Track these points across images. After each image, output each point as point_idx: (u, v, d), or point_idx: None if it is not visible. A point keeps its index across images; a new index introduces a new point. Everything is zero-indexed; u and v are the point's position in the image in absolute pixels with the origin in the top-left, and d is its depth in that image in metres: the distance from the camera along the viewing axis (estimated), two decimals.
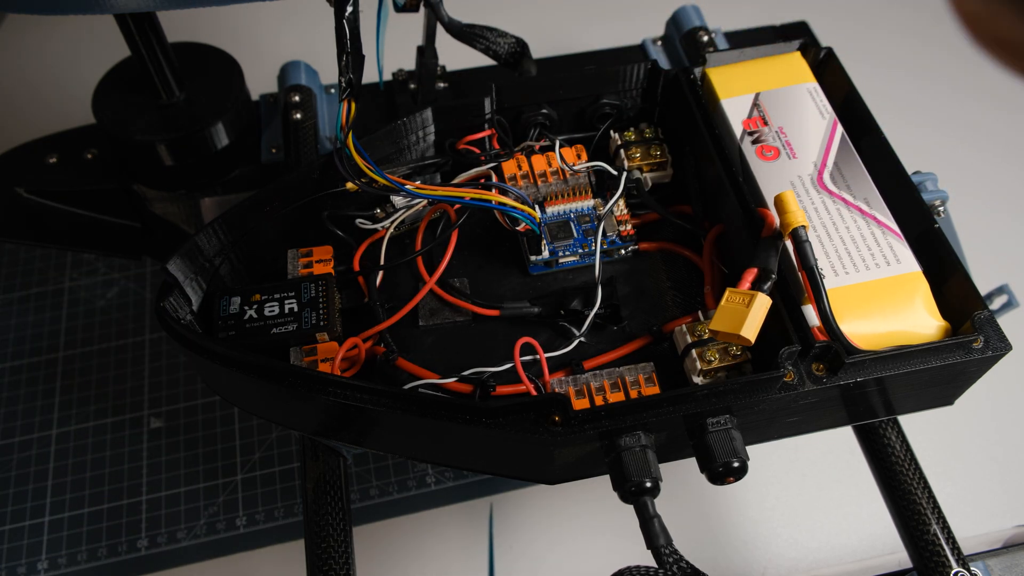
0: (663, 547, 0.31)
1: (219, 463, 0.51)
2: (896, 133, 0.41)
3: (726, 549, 0.48)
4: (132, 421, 0.53)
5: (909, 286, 0.36)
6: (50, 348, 0.56)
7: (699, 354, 0.36)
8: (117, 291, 0.59)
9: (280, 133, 0.54)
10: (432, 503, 0.49)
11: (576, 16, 0.79)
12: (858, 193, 0.39)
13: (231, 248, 0.39)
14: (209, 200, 0.52)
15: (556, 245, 0.42)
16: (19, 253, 0.61)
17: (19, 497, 0.50)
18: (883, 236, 0.37)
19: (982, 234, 0.58)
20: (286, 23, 0.76)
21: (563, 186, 0.43)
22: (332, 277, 0.39)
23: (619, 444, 0.33)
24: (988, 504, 0.50)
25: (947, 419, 0.43)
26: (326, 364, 0.37)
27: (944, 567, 0.38)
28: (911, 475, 0.40)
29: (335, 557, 0.38)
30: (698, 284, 0.41)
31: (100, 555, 0.48)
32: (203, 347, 0.34)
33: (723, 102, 0.42)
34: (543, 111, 0.45)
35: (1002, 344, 0.34)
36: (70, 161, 0.53)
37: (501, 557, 0.47)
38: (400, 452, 0.45)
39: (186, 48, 0.52)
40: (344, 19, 0.36)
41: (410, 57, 0.53)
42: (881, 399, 0.36)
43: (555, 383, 0.37)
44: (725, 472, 0.33)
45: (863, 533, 0.48)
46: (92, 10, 0.39)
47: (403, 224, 0.42)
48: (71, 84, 0.71)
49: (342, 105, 0.37)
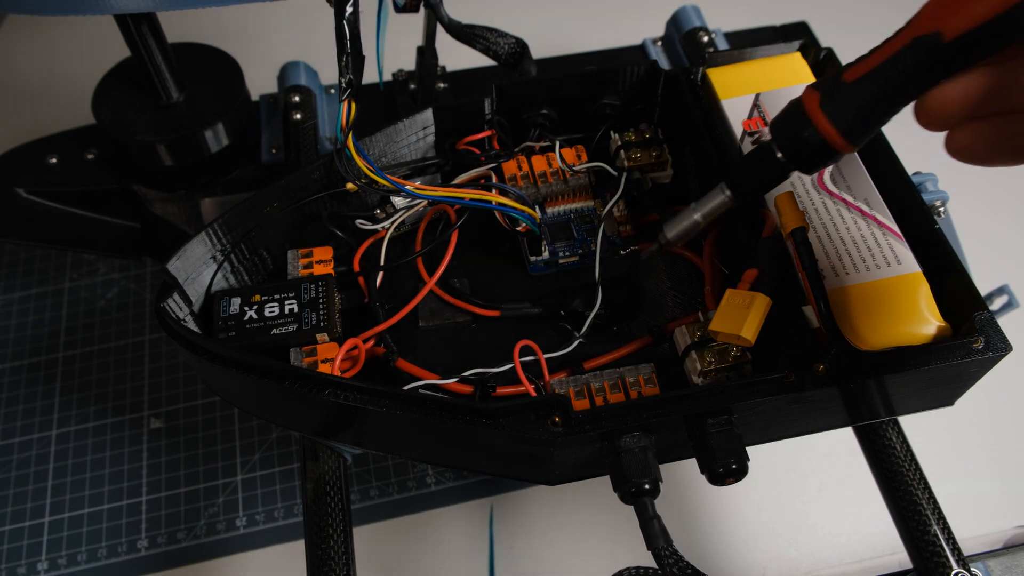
0: (663, 548, 0.31)
1: (219, 463, 0.51)
2: (896, 133, 0.40)
3: (726, 549, 0.48)
4: (132, 421, 0.53)
5: (909, 287, 0.36)
6: (50, 348, 0.56)
7: (699, 355, 0.36)
8: (117, 291, 0.59)
9: (280, 133, 0.54)
10: (432, 504, 0.49)
11: (576, 16, 0.79)
12: (858, 194, 0.39)
13: (231, 249, 0.39)
14: (209, 200, 0.52)
15: (556, 245, 0.42)
16: (19, 253, 0.61)
17: (19, 497, 0.50)
18: (883, 237, 0.37)
19: (982, 234, 0.58)
20: (286, 23, 0.76)
21: (563, 186, 0.43)
22: (332, 278, 0.39)
23: (619, 445, 0.33)
24: (988, 504, 0.50)
25: (947, 420, 0.43)
26: (326, 365, 0.37)
27: (944, 568, 0.38)
28: (911, 475, 0.40)
29: (335, 557, 0.38)
30: (698, 284, 0.41)
31: (100, 555, 0.48)
32: (203, 347, 0.34)
33: (723, 102, 0.42)
34: (543, 111, 0.45)
35: (1002, 345, 0.34)
36: (70, 161, 0.53)
37: (501, 557, 0.47)
38: (400, 453, 0.45)
39: (186, 48, 0.52)
40: (344, 19, 0.36)
41: (410, 57, 0.53)
42: (881, 400, 0.36)
43: (555, 384, 0.37)
44: (725, 473, 0.33)
45: (863, 533, 0.48)
46: (92, 10, 0.39)
47: (403, 225, 0.42)
48: (71, 84, 0.71)
49: (342, 105, 0.37)
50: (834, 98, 0.29)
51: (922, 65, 0.26)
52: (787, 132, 0.31)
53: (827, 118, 0.29)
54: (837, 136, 0.29)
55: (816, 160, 0.31)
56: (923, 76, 0.27)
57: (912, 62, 0.26)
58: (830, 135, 0.29)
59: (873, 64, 0.28)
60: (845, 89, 0.29)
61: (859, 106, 0.28)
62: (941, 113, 0.27)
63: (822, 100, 0.29)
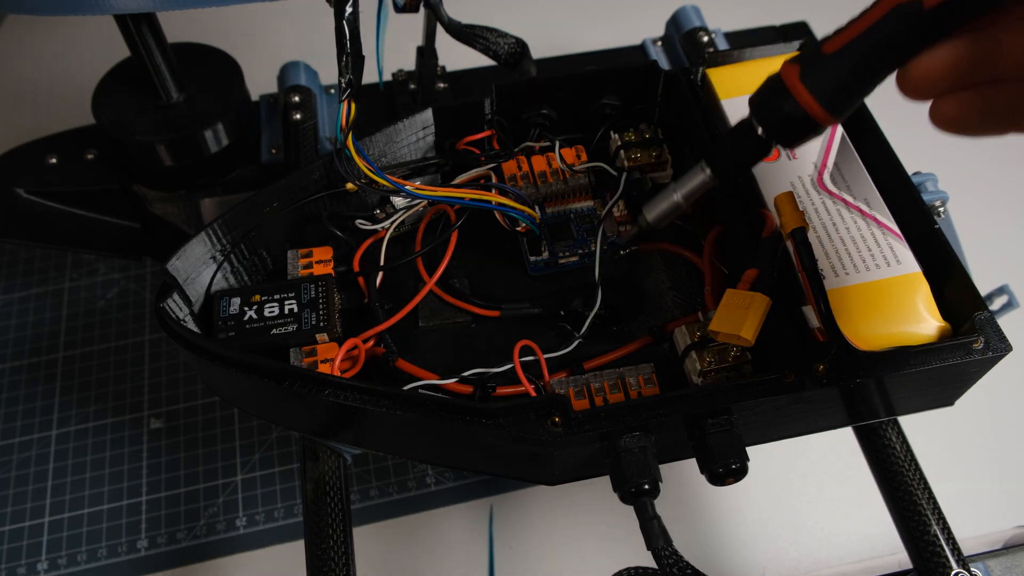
0: (663, 548, 0.31)
1: (219, 463, 0.51)
2: (896, 133, 0.40)
3: (726, 550, 0.48)
4: (132, 421, 0.53)
5: (909, 287, 0.36)
6: (50, 348, 0.56)
7: (699, 355, 0.36)
8: (117, 291, 0.59)
9: (280, 133, 0.54)
10: (432, 504, 0.49)
11: (576, 16, 0.79)
12: (858, 194, 0.39)
13: (231, 249, 0.39)
14: (209, 200, 0.52)
15: (556, 246, 0.42)
16: (19, 253, 0.61)
17: (19, 497, 0.50)
18: (883, 237, 0.37)
19: (982, 234, 0.58)
20: (286, 23, 0.76)
21: (563, 187, 0.43)
22: (332, 278, 0.39)
23: (619, 445, 0.33)
24: (988, 504, 0.50)
25: (947, 420, 0.43)
26: (326, 365, 0.37)
27: (944, 568, 0.38)
28: (911, 476, 0.40)
29: (335, 557, 0.38)
30: (698, 285, 0.41)
31: (100, 555, 0.48)
32: (203, 347, 0.34)
33: (723, 102, 0.42)
34: (543, 111, 0.45)
35: (1002, 345, 0.34)
36: (70, 161, 0.53)
37: (501, 557, 0.47)
38: (400, 453, 0.45)
39: (186, 48, 0.52)
40: (344, 19, 0.36)
41: (410, 57, 0.53)
42: (881, 400, 0.36)
43: (555, 384, 0.37)
44: (725, 473, 0.33)
45: (863, 534, 0.48)
46: (92, 10, 0.39)
47: (403, 225, 0.42)
48: (71, 84, 0.71)
49: (342, 106, 0.37)
50: (814, 71, 0.28)
51: (903, 33, 0.26)
52: (767, 107, 0.30)
53: (808, 91, 0.28)
54: (819, 109, 0.28)
55: (798, 134, 0.30)
56: (904, 45, 0.26)
57: (893, 30, 0.26)
58: (812, 108, 0.29)
59: (853, 34, 0.27)
60: (825, 61, 0.28)
61: (840, 78, 0.28)
62: (924, 83, 0.26)
63: (802, 73, 0.29)
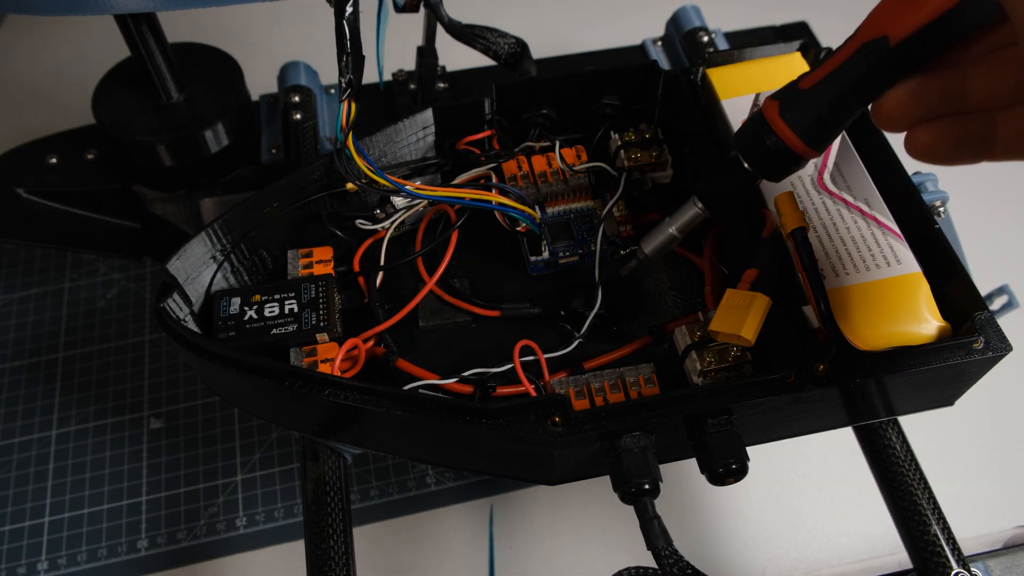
0: (663, 548, 0.31)
1: (219, 463, 0.51)
2: (896, 134, 0.40)
3: (726, 549, 0.48)
4: (132, 421, 0.53)
5: (909, 287, 0.36)
6: (50, 348, 0.56)
7: (699, 355, 0.36)
8: (117, 291, 0.59)
9: (280, 133, 0.54)
10: (432, 503, 0.49)
11: (576, 16, 0.79)
12: (858, 194, 0.39)
13: (231, 249, 0.39)
14: (209, 200, 0.52)
15: (556, 246, 0.42)
16: (19, 253, 0.61)
17: (19, 497, 0.50)
18: (883, 237, 0.37)
19: (982, 234, 0.58)
20: (286, 23, 0.76)
21: (563, 187, 0.43)
22: (332, 278, 0.39)
23: (619, 445, 0.33)
24: (988, 504, 0.50)
25: (947, 420, 0.43)
26: (326, 365, 0.37)
27: (944, 568, 0.38)
28: (911, 475, 0.40)
29: (335, 557, 0.38)
30: (698, 284, 0.41)
31: (100, 555, 0.48)
32: (203, 347, 0.34)
33: (723, 102, 0.42)
34: (543, 111, 0.45)
35: (1002, 345, 0.34)
36: (70, 161, 0.53)
37: (501, 557, 0.47)
38: (400, 453, 0.45)
39: (186, 48, 0.52)
40: (344, 19, 0.36)
41: (410, 57, 0.53)
42: (881, 400, 0.36)
43: (555, 384, 0.37)
44: (725, 473, 0.33)
45: (863, 534, 0.48)
46: (92, 10, 0.39)
47: (403, 225, 0.42)
48: (71, 84, 0.71)
49: (342, 105, 0.37)
50: (793, 106, 0.30)
51: (872, 69, 0.27)
52: (751, 142, 0.32)
53: (787, 125, 0.30)
54: (799, 142, 0.30)
55: (781, 167, 0.32)
56: (874, 80, 0.27)
57: (862, 67, 0.27)
58: (792, 142, 0.30)
59: (827, 71, 0.29)
60: (802, 96, 0.30)
61: (816, 112, 0.29)
62: (896, 115, 0.27)
63: (781, 108, 0.30)
